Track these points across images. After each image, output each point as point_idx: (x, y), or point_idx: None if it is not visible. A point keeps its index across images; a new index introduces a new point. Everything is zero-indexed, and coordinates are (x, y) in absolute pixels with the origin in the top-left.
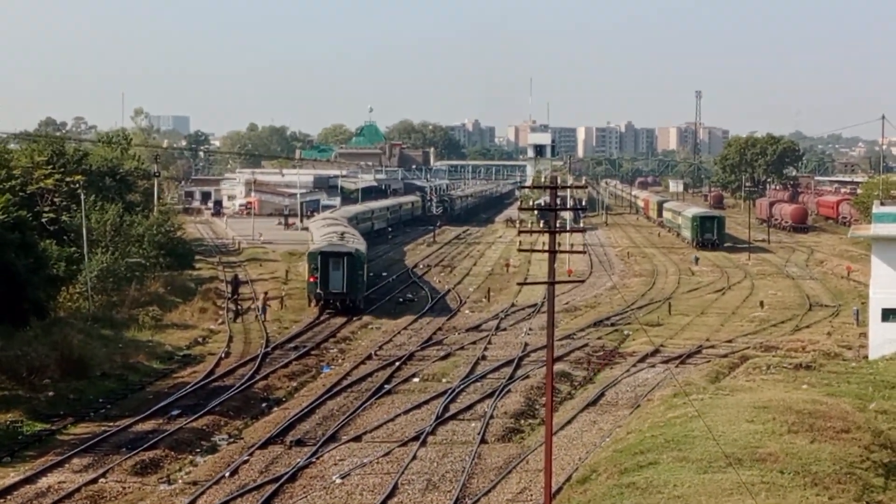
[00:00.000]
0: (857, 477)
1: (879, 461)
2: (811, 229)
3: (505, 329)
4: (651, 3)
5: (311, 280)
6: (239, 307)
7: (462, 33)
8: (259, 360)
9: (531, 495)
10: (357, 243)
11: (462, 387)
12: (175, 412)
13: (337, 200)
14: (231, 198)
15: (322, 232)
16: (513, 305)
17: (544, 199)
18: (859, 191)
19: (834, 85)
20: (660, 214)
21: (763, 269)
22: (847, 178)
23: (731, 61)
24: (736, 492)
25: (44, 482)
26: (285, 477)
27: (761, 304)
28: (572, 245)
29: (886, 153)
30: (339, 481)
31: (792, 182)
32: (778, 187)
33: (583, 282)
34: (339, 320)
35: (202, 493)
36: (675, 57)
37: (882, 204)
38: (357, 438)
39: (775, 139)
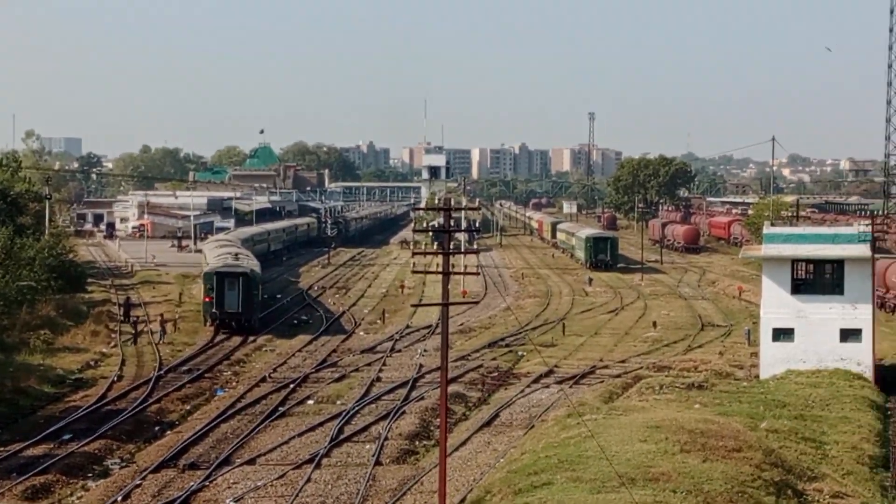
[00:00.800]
0: (748, 496)
1: (770, 480)
2: (703, 250)
3: (400, 350)
4: (543, 25)
5: (207, 300)
6: (136, 329)
7: (356, 54)
8: (152, 383)
9: None
10: (252, 264)
11: (357, 408)
12: (66, 436)
13: (231, 222)
14: (124, 220)
15: (216, 253)
16: (408, 327)
17: (438, 220)
18: (750, 211)
19: (725, 107)
20: (554, 235)
21: (656, 289)
22: (738, 199)
23: (623, 83)
24: None
25: None
26: (178, 501)
27: (654, 324)
28: (466, 266)
29: (777, 174)
30: None
31: (684, 203)
32: (670, 208)
33: (477, 303)
34: (234, 342)
35: None
36: (568, 79)
37: (772, 225)
38: (251, 461)
39: (667, 160)
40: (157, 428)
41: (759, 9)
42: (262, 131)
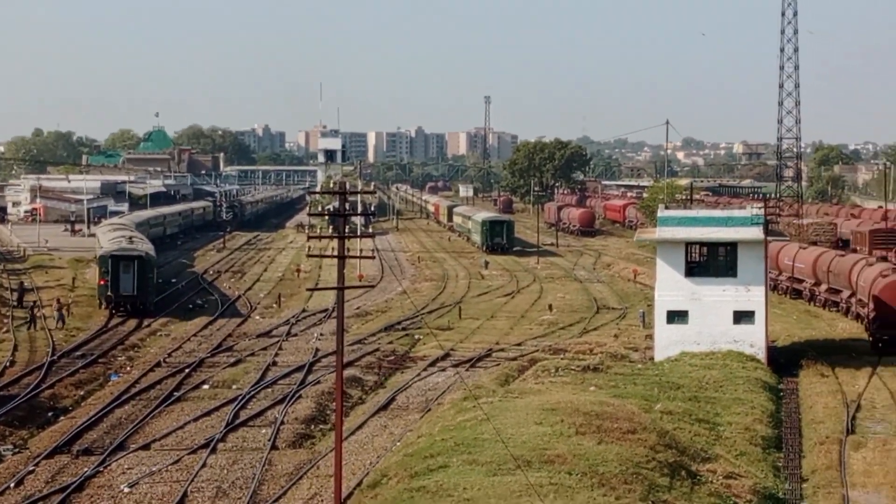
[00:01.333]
0: (643, 477)
1: (665, 461)
2: (598, 233)
3: (296, 335)
4: (439, 8)
5: (102, 283)
6: (33, 314)
7: (251, 37)
8: (45, 368)
9: (322, 500)
10: (146, 247)
11: (253, 393)
12: None
13: (125, 206)
14: (16, 204)
15: (110, 237)
16: (304, 311)
17: (334, 204)
18: (645, 195)
19: (620, 91)
20: (450, 219)
21: (552, 272)
22: (633, 183)
23: (519, 67)
24: (525, 494)
25: None
26: (72, 487)
27: (550, 307)
28: (362, 250)
29: (671, 157)
30: (127, 490)
31: (580, 186)
32: (566, 191)
33: (373, 287)
34: (128, 327)
35: None
36: (464, 63)
37: (667, 208)
38: (146, 447)
39: (563, 144)
40: (50, 414)
41: None
42: (156, 114)
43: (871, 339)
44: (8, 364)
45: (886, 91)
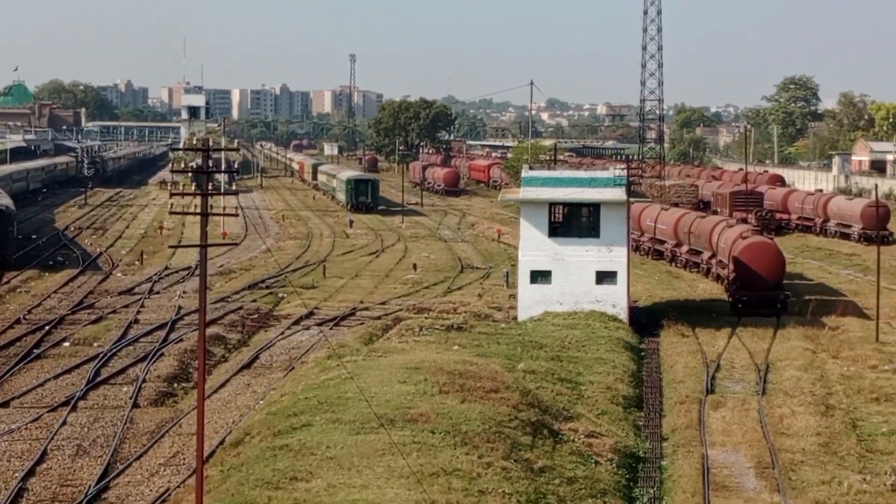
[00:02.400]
0: (505, 436)
1: (527, 420)
2: (463, 193)
3: (158, 292)
4: None
5: None
6: None
7: None
8: None
9: (184, 459)
10: (6, 202)
11: (114, 351)
12: None
13: None
14: None
15: None
16: (166, 268)
17: (197, 161)
18: (510, 155)
19: (485, 51)
20: (315, 177)
21: (416, 231)
22: (498, 143)
23: (385, 25)
24: (388, 452)
25: None
26: None
27: (414, 266)
28: (226, 208)
29: (535, 118)
30: None
31: (445, 146)
32: (431, 151)
33: (237, 244)
34: None
35: None
36: (329, 19)
37: (531, 168)
38: (5, 404)
39: (428, 104)
40: None
41: None
42: (16, 68)
43: (730, 300)
44: None
45: (747, 54)
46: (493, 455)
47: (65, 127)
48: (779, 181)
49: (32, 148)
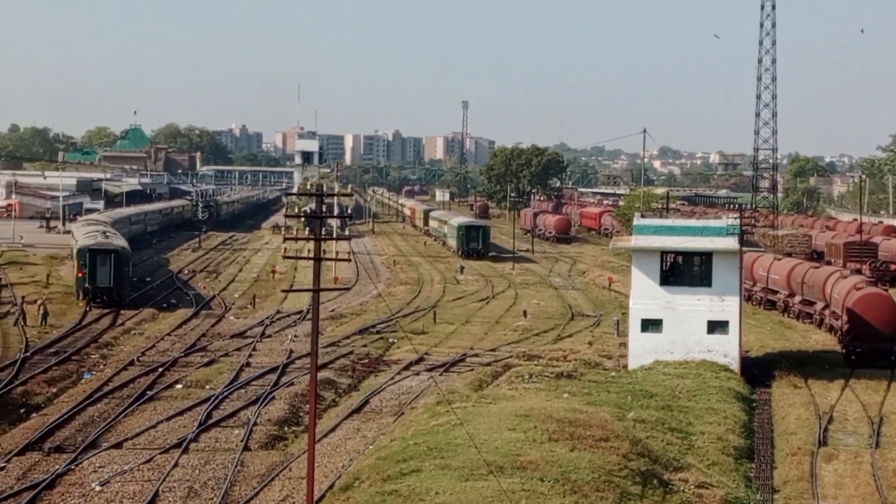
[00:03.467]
0: (615, 485)
1: (637, 469)
2: (574, 240)
3: (270, 336)
4: (417, 11)
5: (80, 275)
6: (22, 310)
7: (230, 36)
8: (18, 364)
9: (294, 502)
10: (122, 242)
11: (226, 393)
12: None
13: (100, 204)
14: None
15: (86, 231)
16: (278, 312)
17: (311, 206)
18: (621, 203)
19: (598, 98)
20: (426, 223)
21: (527, 278)
22: (610, 190)
23: (497, 72)
24: (497, 499)
25: None
26: (43, 484)
27: (524, 313)
28: (338, 252)
29: (647, 166)
30: (98, 488)
31: (556, 193)
32: (542, 198)
33: (348, 289)
34: (102, 325)
35: None
36: (442, 67)
37: (643, 216)
38: (118, 445)
39: (540, 150)
40: (22, 410)
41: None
42: (134, 112)
43: (843, 351)
44: None
45: (863, 104)
46: None
47: (180, 171)
48: (894, 232)
49: (148, 191)
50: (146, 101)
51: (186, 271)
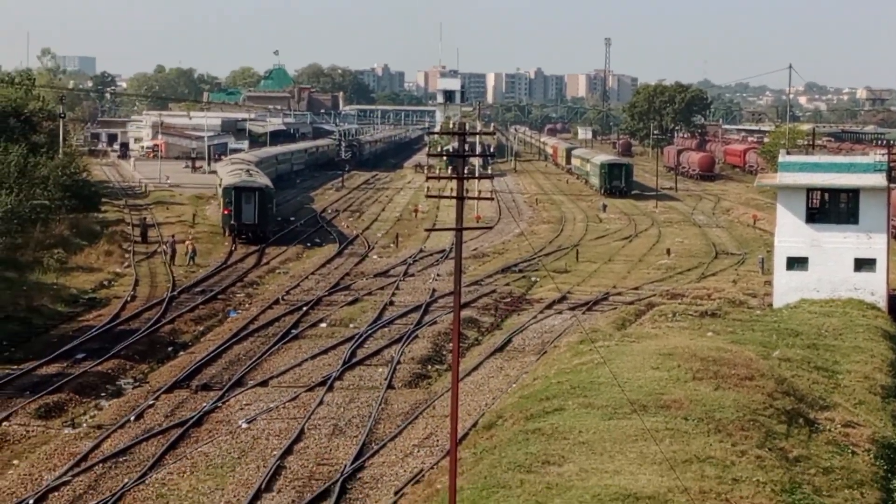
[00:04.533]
0: (759, 424)
1: (782, 408)
2: (718, 177)
3: (413, 275)
4: None
5: (226, 212)
6: (174, 249)
7: None
8: (165, 303)
9: (437, 440)
10: (265, 181)
11: (369, 332)
12: (80, 356)
13: (245, 144)
14: (137, 140)
15: (230, 170)
16: (421, 251)
17: (453, 144)
18: (766, 139)
19: (742, 34)
20: (568, 162)
21: (670, 216)
22: (754, 127)
23: (640, 8)
24: (640, 438)
25: None
26: (191, 421)
27: (668, 251)
28: (480, 191)
29: (793, 102)
30: (245, 426)
31: (700, 130)
32: (686, 135)
33: (491, 228)
34: (247, 264)
35: (107, 436)
36: (584, 3)
37: (788, 153)
38: (264, 383)
39: (683, 87)
40: (169, 349)
41: None
42: (276, 52)
43: None
44: (129, 299)
45: None
46: (748, 443)
47: (323, 110)
48: None
49: (291, 131)
50: (289, 42)
51: (330, 211)
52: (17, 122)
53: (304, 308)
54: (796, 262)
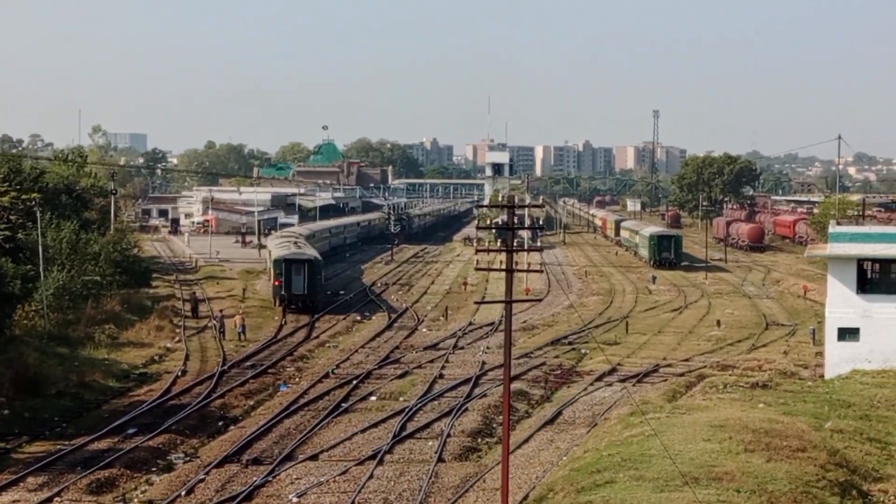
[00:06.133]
0: (812, 496)
1: (835, 480)
2: (768, 248)
3: (462, 348)
4: (609, 22)
5: (276, 283)
6: (223, 324)
7: (420, 51)
8: (216, 378)
9: None
10: (314, 252)
11: (419, 405)
12: (131, 431)
13: (295, 218)
14: (188, 216)
15: (279, 243)
16: (470, 324)
17: (502, 217)
18: (816, 210)
19: (791, 105)
20: (617, 233)
21: (720, 287)
22: (803, 198)
23: (688, 81)
24: None
25: None
26: (242, 496)
27: (718, 322)
28: (530, 264)
29: (842, 173)
30: (295, 500)
31: (749, 201)
32: (735, 206)
33: (540, 300)
34: (297, 338)
35: None
36: (633, 76)
37: (838, 223)
38: (314, 457)
39: (732, 158)
40: (220, 423)
41: (825, 3)
42: (325, 127)
43: None
44: (179, 374)
45: None
46: None
47: (372, 184)
48: None
49: (341, 205)
50: (338, 117)
51: (380, 284)
52: (70, 199)
53: (354, 381)
54: (847, 333)
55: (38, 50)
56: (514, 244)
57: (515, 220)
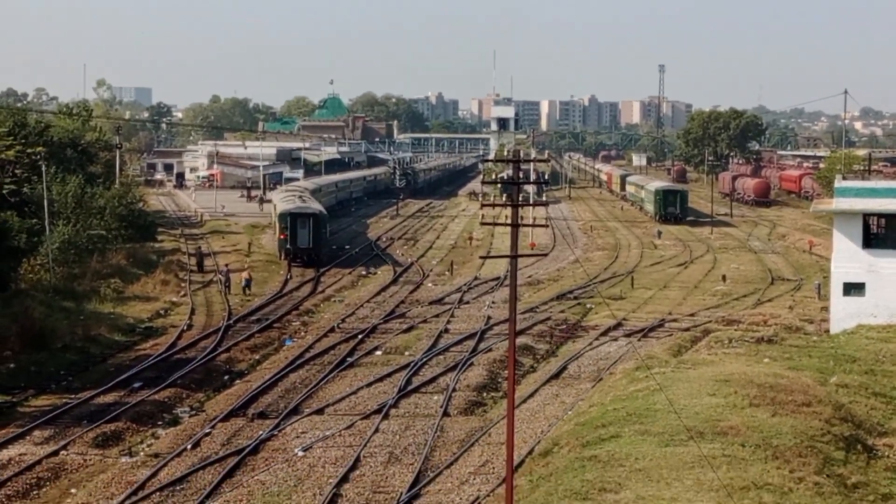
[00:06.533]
0: (817, 450)
1: (840, 434)
2: (774, 203)
3: (468, 302)
4: None
5: (282, 237)
6: (228, 279)
7: (425, 5)
8: (221, 332)
9: (493, 468)
10: (319, 207)
11: (425, 360)
12: (137, 384)
13: (300, 173)
14: (193, 170)
15: (285, 197)
16: (476, 279)
17: (507, 172)
18: (822, 165)
19: (797, 60)
20: (623, 188)
21: (725, 242)
22: (809, 153)
23: (695, 35)
24: (697, 465)
25: (4, 454)
26: (247, 449)
27: (723, 277)
28: (535, 218)
29: (848, 128)
30: (301, 454)
31: (755, 156)
32: (741, 161)
33: (546, 255)
34: (303, 293)
35: (164, 465)
36: (638, 30)
37: (844, 178)
38: (319, 411)
39: (738, 113)
40: (226, 377)
41: None
42: (331, 82)
43: None
44: (185, 328)
45: None
46: (805, 470)
47: (377, 139)
48: None
49: (346, 160)
50: (343, 71)
51: (385, 238)
52: (75, 153)
53: (360, 336)
54: (853, 288)
55: (42, 4)
56: (520, 199)
57: (521, 175)
